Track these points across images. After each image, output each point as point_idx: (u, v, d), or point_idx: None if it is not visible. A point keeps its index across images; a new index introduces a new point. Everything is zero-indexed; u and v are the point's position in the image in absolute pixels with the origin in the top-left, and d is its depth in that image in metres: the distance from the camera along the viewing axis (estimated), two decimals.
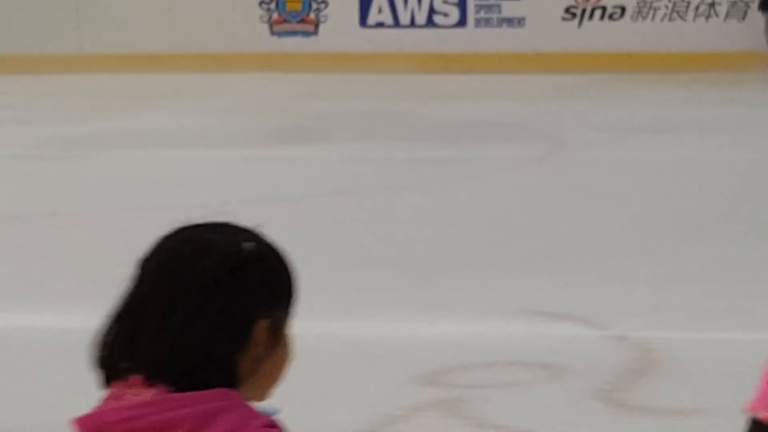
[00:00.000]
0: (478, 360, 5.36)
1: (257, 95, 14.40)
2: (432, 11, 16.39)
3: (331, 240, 7.94)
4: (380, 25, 16.53)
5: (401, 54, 16.05)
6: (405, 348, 5.56)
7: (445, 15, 16.39)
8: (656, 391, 4.95)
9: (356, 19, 16.53)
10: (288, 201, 9.04)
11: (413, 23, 16.46)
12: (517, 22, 16.43)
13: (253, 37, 16.60)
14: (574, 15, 16.51)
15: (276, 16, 16.51)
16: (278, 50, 16.54)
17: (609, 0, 16.45)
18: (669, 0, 16.42)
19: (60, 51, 16.64)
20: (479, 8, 16.37)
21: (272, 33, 16.69)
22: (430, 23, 16.51)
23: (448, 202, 9.06)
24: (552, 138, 11.66)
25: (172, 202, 9.14)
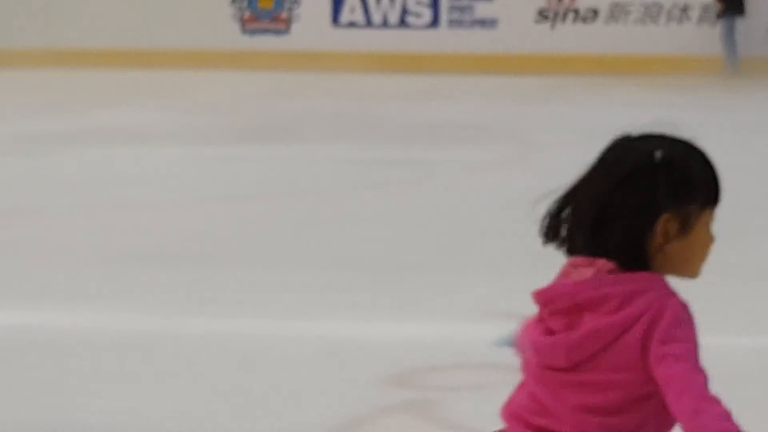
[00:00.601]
0: (448, 362, 5.36)
1: (228, 93, 14.42)
2: (404, 11, 16.45)
3: (300, 240, 7.94)
4: (352, 25, 16.59)
5: (373, 54, 16.09)
6: (374, 349, 5.55)
7: (418, 15, 16.45)
8: None
9: (328, 18, 16.59)
10: (257, 200, 9.05)
11: (386, 23, 16.52)
12: (490, 24, 16.46)
13: (225, 35, 16.65)
14: (547, 17, 16.59)
15: (248, 15, 16.56)
16: (250, 48, 16.57)
17: (582, 3, 16.51)
18: (641, 4, 16.48)
19: (29, 45, 16.54)
20: (452, 9, 16.40)
21: (244, 31, 16.73)
22: (403, 23, 16.56)
23: (419, 203, 9.09)
24: (522, 140, 11.73)
25: (141, 200, 9.15)
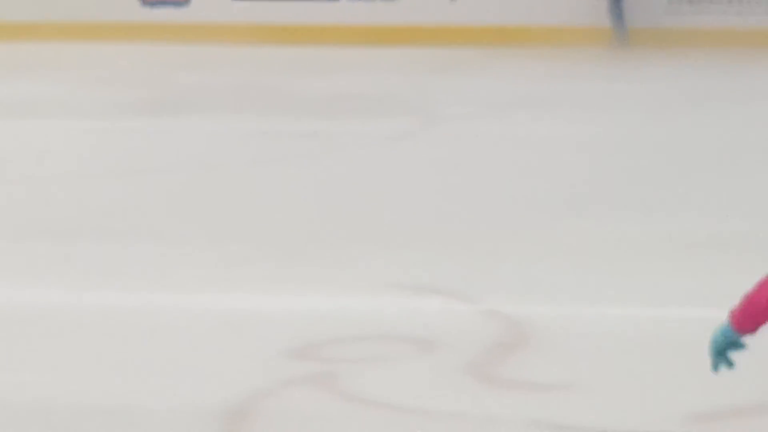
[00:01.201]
0: (349, 334, 5.38)
1: (127, 66, 14.37)
2: None
3: (201, 214, 7.92)
4: None
5: (274, 26, 16.01)
6: (275, 322, 5.57)
7: None
8: (527, 366, 5.01)
9: None
10: (158, 173, 9.02)
11: None
12: None
13: (124, 8, 16.39)
14: None
15: None
16: (149, 21, 16.34)
17: None
18: None
19: None
20: None
21: (143, 3, 16.47)
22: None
23: (319, 176, 9.10)
24: (423, 113, 11.76)
25: (39, 174, 9.09)
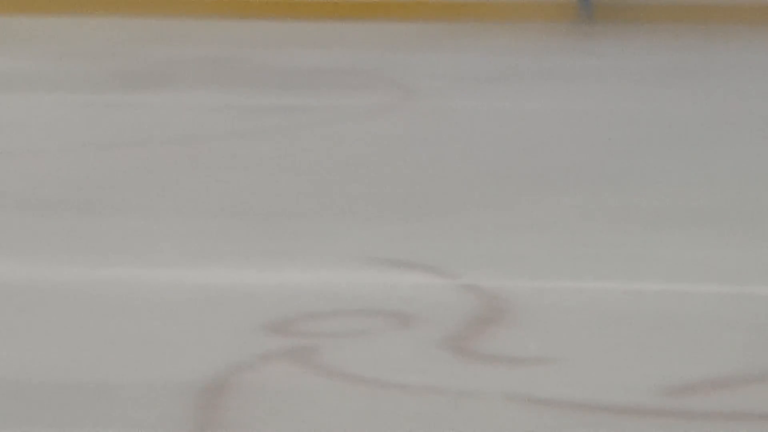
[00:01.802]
0: (327, 309, 5.39)
1: (100, 39, 14.34)
2: None
3: (177, 188, 7.93)
4: None
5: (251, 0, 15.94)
6: (253, 296, 5.57)
7: None
8: (505, 340, 5.04)
9: None
10: (133, 147, 9.02)
11: None
12: None
13: None
14: None
15: None
16: None
17: None
18: None
19: None
20: None
21: None
22: None
23: (297, 150, 9.14)
24: (402, 87, 11.79)
25: (14, 147, 9.05)
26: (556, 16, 16.03)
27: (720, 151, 8.90)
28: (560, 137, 9.50)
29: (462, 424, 4.11)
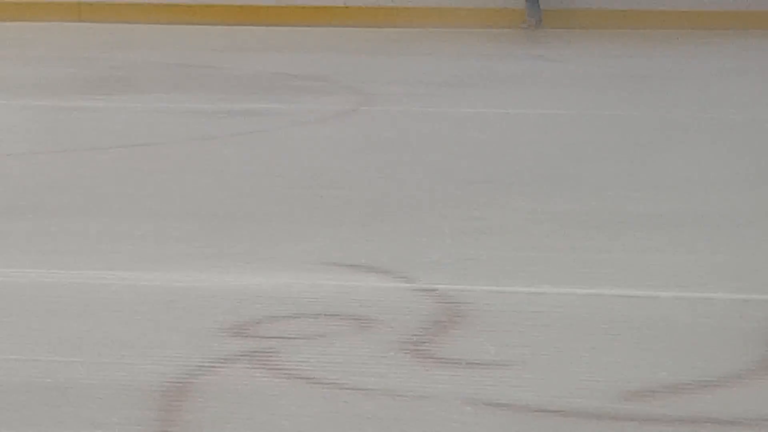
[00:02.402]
0: (286, 312, 5.40)
1: (65, 45, 14.39)
2: None
3: (137, 191, 7.94)
4: None
5: (213, 5, 15.98)
6: (212, 299, 5.57)
7: None
8: (463, 343, 5.04)
9: None
10: (95, 151, 9.01)
11: None
12: None
13: None
14: None
15: None
16: (88, 0, 16.18)
17: None
18: None
19: None
20: None
21: None
22: None
23: (256, 155, 9.20)
24: (359, 92, 11.83)
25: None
26: (506, 22, 16.17)
27: (670, 156, 8.98)
28: (513, 141, 9.56)
29: (419, 428, 4.14)
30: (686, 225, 6.82)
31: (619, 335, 5.20)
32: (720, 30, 16.93)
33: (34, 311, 5.41)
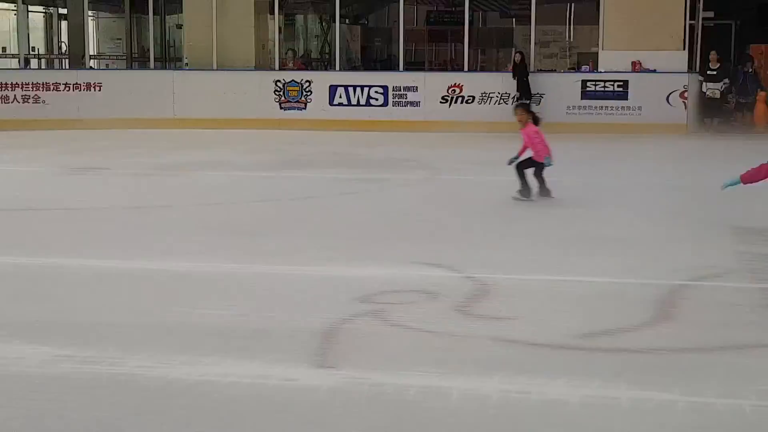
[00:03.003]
0: (389, 289, 5.37)
1: (271, 142, 14.34)
2: (369, 97, 16.13)
3: (309, 222, 7.91)
4: (340, 104, 16.25)
5: (351, 120, 15.85)
6: (349, 282, 5.53)
7: (376, 99, 16.12)
8: (487, 307, 5.03)
9: (327, 101, 16.25)
10: (287, 201, 9.01)
11: (358, 103, 16.18)
12: (415, 104, 16.12)
13: (271, 111, 16.25)
14: (446, 101, 15.88)
15: (283, 98, 16.24)
16: (284, 118, 16.25)
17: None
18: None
19: (162, 116, 16.25)
20: (394, 95, 16.02)
21: (281, 108, 16.35)
22: (367, 104, 16.26)
23: (375, 201, 9.15)
24: (431, 168, 11.74)
25: (211, 201, 9.04)
26: (508, 128, 15.12)
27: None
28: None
29: (466, 354, 4.20)
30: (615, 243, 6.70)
31: (575, 303, 5.19)
32: None
33: (270, 290, 5.39)
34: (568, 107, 14.88)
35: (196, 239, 6.90)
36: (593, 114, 14.83)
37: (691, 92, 14.61)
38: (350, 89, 15.95)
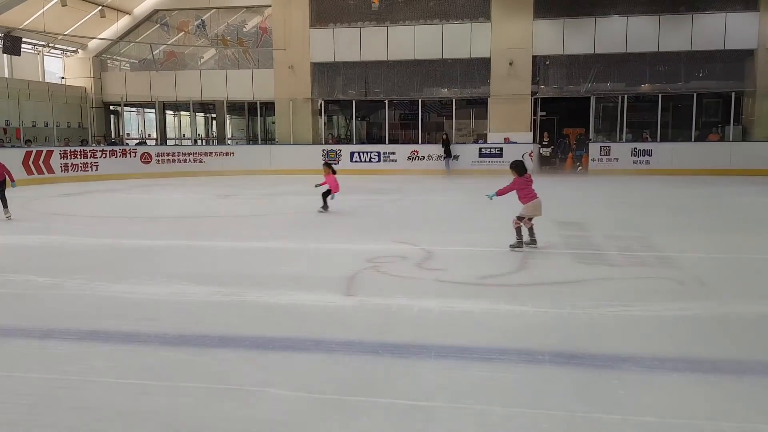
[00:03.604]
0: (381, 255, 5.18)
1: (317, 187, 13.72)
2: (370, 157, 15.90)
3: (348, 220, 7.43)
4: (356, 161, 15.97)
5: (362, 169, 15.65)
6: (359, 252, 5.32)
7: (374, 158, 15.85)
8: (434, 264, 4.92)
9: (349, 159, 15.94)
10: (330, 211, 8.15)
11: (365, 161, 15.95)
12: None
13: (319, 164, 15.11)
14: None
15: (326, 158, 16.09)
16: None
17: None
18: None
19: (262, 168, 16.04)
20: (384, 157, 15.87)
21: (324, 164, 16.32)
22: (369, 161, 15.99)
23: (398, 207, 8.75)
24: (403, 191, 11.13)
25: (304, 210, 8.53)
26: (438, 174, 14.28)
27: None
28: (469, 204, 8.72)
29: (420, 289, 4.14)
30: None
31: (477, 261, 4.98)
32: None
33: (319, 257, 5.17)
34: (471, 161, 15.75)
35: (284, 230, 6.75)
36: (485, 165, 15.57)
37: (535, 153, 15.69)
38: (361, 153, 16.12)
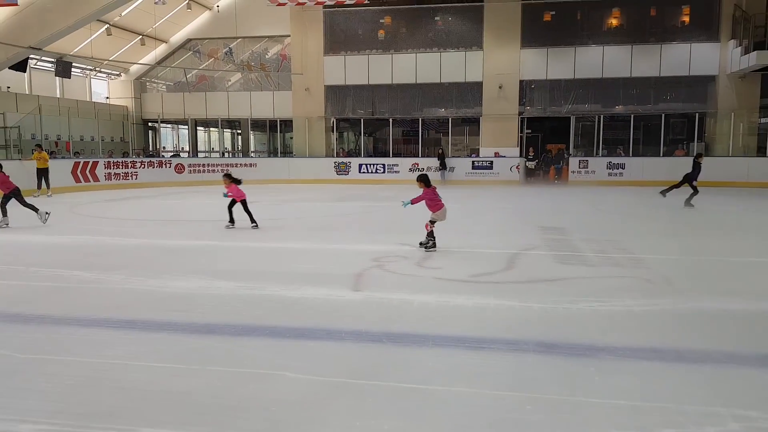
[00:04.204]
0: (383, 254, 5.26)
1: (331, 190, 13.71)
2: (376, 169, 16.16)
3: (363, 221, 7.54)
4: (364, 172, 16.30)
5: (369, 180, 16.04)
6: (363, 252, 5.42)
7: (380, 170, 16.15)
8: (432, 262, 4.97)
9: (357, 171, 16.34)
10: (342, 214, 8.37)
11: (372, 172, 16.30)
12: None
13: (332, 175, 16.46)
14: None
15: (337, 170, 16.45)
16: (338, 179, 16.47)
17: None
18: None
19: (280, 177, 16.48)
20: (389, 168, 16.09)
21: (337, 174, 16.43)
22: (375, 172, 16.29)
23: (387, 214, 8.52)
24: (379, 199, 10.68)
25: (318, 215, 8.47)
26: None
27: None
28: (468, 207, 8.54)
29: (420, 285, 4.22)
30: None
31: (470, 260, 5.02)
32: None
33: (327, 256, 5.21)
34: (466, 173, 16.27)
35: (299, 232, 6.70)
36: (477, 176, 16.08)
37: (521, 166, 16.25)
38: (368, 165, 16.42)
